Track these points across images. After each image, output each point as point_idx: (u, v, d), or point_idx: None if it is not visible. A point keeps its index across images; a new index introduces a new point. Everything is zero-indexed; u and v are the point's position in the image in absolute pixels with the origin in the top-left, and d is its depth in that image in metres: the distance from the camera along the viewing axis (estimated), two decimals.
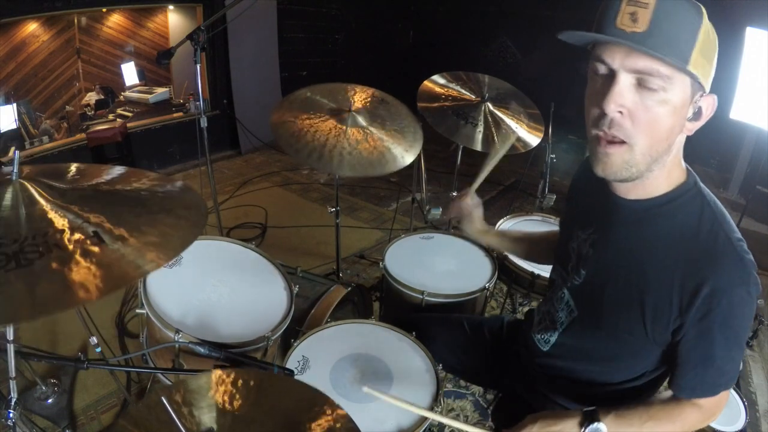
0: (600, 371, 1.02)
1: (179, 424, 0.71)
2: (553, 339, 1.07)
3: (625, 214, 0.90)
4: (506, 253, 1.60)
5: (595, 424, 0.90)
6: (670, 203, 0.86)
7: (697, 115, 0.79)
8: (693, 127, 0.80)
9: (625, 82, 0.74)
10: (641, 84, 0.74)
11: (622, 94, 0.75)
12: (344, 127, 1.67)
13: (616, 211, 0.91)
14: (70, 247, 0.72)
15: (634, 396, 1.00)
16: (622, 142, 0.78)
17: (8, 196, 0.77)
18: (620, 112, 0.76)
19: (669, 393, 0.95)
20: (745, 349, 1.99)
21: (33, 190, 0.79)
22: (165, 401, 0.71)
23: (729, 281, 0.79)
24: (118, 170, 0.98)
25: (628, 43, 0.71)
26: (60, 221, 0.76)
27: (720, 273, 0.79)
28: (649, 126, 0.76)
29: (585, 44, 0.79)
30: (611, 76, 0.76)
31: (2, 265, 0.67)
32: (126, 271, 0.72)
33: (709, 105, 0.79)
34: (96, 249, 0.73)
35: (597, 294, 0.95)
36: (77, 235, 0.74)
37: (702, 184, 0.88)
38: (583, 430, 0.91)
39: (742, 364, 1.87)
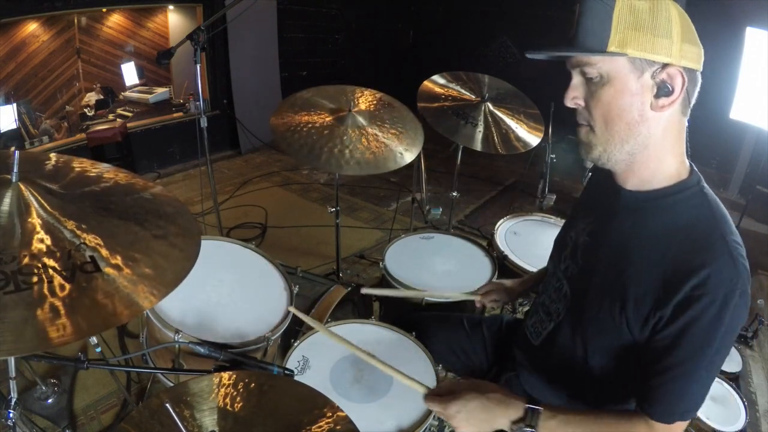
0: (586, 369, 0.99)
1: (182, 429, 0.71)
2: (545, 332, 1.07)
3: (622, 204, 0.91)
4: None
5: (529, 430, 0.87)
6: (668, 197, 0.86)
7: (665, 90, 0.79)
8: (667, 102, 0.80)
9: (575, 78, 0.86)
10: (585, 76, 0.84)
11: (575, 88, 0.86)
12: (344, 127, 1.68)
13: (615, 200, 0.92)
14: (67, 273, 0.71)
15: (622, 398, 0.98)
16: (586, 125, 0.88)
17: (6, 201, 0.76)
18: (579, 104, 0.87)
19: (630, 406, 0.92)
20: (737, 353, 1.99)
21: (31, 197, 0.77)
22: (169, 407, 0.71)
23: (717, 280, 0.76)
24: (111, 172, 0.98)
25: (549, 52, 0.84)
26: (58, 241, 0.74)
27: (708, 270, 0.76)
28: (600, 108, 0.84)
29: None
30: (569, 75, 0.87)
31: (1, 286, 0.66)
32: (119, 310, 0.71)
33: (674, 77, 0.78)
34: (91, 279, 0.72)
35: (587, 283, 0.95)
36: (74, 259, 0.73)
37: (706, 185, 0.87)
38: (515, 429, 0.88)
39: (741, 364, 1.89)
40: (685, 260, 0.79)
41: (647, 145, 0.84)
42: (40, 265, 0.70)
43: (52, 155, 0.97)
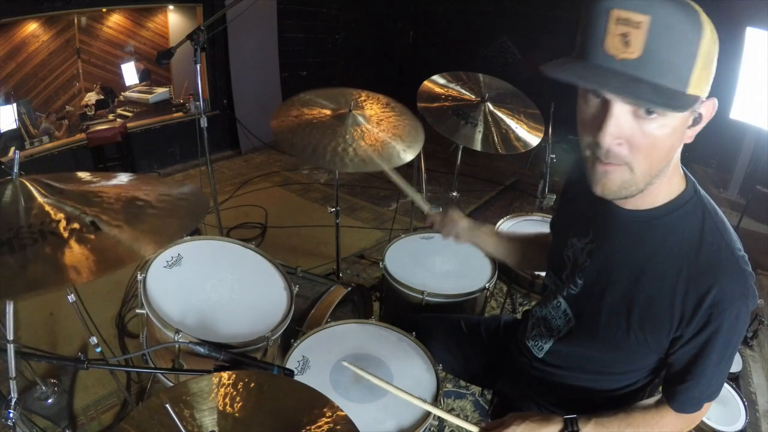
0: (594, 379, 1.02)
1: (182, 429, 0.71)
2: (547, 346, 1.07)
3: (623, 224, 0.88)
4: (500, 259, 1.44)
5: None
6: (670, 214, 0.84)
7: (697, 120, 0.75)
8: (693, 132, 0.76)
9: (620, 110, 0.69)
10: (638, 111, 0.69)
11: (620, 126, 0.69)
12: (345, 125, 1.67)
13: (613, 220, 0.89)
14: (66, 234, 0.74)
15: (626, 403, 0.99)
16: (624, 165, 0.74)
17: (8, 192, 0.78)
18: (621, 144, 0.71)
19: (651, 399, 0.95)
20: (738, 353, 2.00)
21: (32, 188, 0.80)
22: (169, 408, 0.71)
23: (731, 295, 0.79)
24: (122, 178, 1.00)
25: (616, 93, 0.65)
26: (57, 213, 0.77)
27: (722, 286, 0.79)
28: (649, 150, 0.72)
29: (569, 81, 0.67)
30: (605, 103, 0.70)
31: None
32: (120, 256, 0.74)
33: (708, 109, 0.74)
34: (92, 236, 0.75)
35: (595, 303, 0.93)
36: (74, 225, 0.76)
37: (702, 191, 0.86)
38: None
39: (741, 364, 1.88)
40: (701, 279, 0.80)
41: (666, 173, 0.80)
42: (38, 231, 0.73)
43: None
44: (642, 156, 0.72)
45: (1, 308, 1.04)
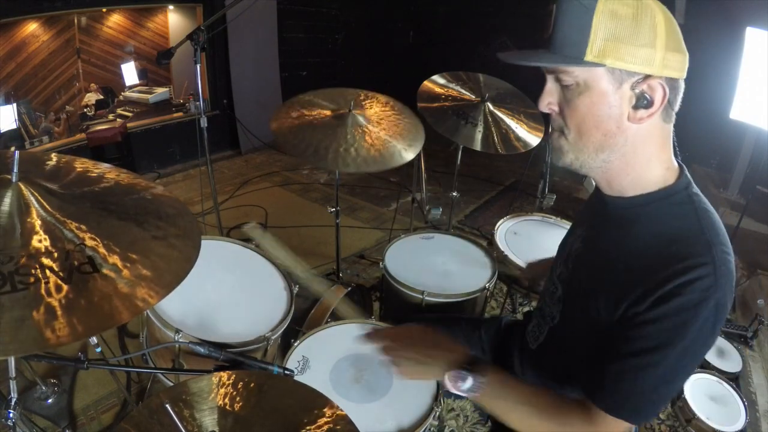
0: (580, 371, 0.98)
1: (182, 429, 0.71)
2: (542, 336, 1.07)
3: (608, 211, 0.91)
4: None
5: (469, 375, 0.87)
6: (651, 204, 0.84)
7: (644, 101, 0.77)
8: (645, 114, 0.78)
9: (549, 83, 0.84)
10: (559, 82, 0.82)
11: (551, 93, 0.84)
12: (346, 126, 1.68)
13: (601, 207, 0.93)
14: (64, 274, 0.71)
15: None
16: (559, 131, 0.87)
17: (7, 201, 0.75)
18: (554, 109, 0.85)
19: (576, 394, 0.90)
20: (738, 353, 1.99)
21: (32, 197, 0.77)
22: (169, 407, 0.71)
23: (692, 287, 0.74)
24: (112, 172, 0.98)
25: (520, 61, 0.79)
26: (56, 241, 0.74)
27: (686, 276, 0.74)
28: (575, 118, 0.82)
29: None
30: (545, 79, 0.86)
31: None
32: (116, 312, 0.71)
33: (655, 91, 0.76)
34: (89, 280, 0.72)
35: (578, 287, 0.96)
36: (72, 260, 0.73)
37: (696, 190, 0.84)
38: (458, 378, 0.88)
39: (742, 364, 1.88)
40: (666, 265, 0.77)
41: (624, 154, 0.82)
42: (37, 265, 0.70)
43: (54, 155, 0.97)
44: (570, 122, 0.83)
45: None
